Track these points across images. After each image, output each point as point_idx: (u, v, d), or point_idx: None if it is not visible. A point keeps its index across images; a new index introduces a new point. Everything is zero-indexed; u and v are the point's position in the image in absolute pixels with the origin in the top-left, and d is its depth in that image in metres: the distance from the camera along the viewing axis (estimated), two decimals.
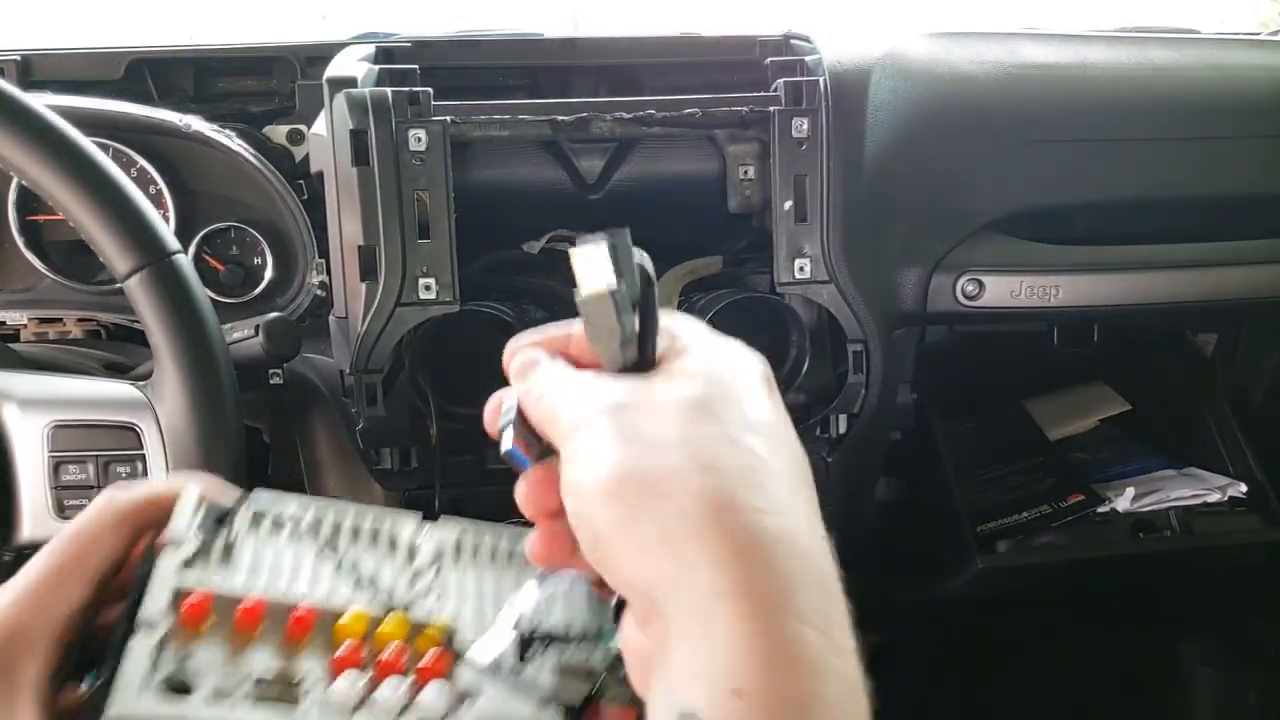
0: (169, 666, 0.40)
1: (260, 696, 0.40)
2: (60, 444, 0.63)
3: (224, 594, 0.42)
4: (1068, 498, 1.14)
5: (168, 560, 0.42)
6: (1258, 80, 1.04)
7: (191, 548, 0.43)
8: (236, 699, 0.40)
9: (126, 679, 0.39)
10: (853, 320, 0.85)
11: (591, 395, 0.38)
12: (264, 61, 1.01)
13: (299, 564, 0.45)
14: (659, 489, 0.34)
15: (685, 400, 0.37)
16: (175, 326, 0.60)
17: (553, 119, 0.83)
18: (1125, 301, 0.96)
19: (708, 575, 0.33)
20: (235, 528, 0.45)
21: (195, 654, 0.41)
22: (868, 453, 0.97)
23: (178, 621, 0.41)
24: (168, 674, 0.40)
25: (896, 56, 0.93)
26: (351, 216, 0.79)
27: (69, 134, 0.60)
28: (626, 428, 0.36)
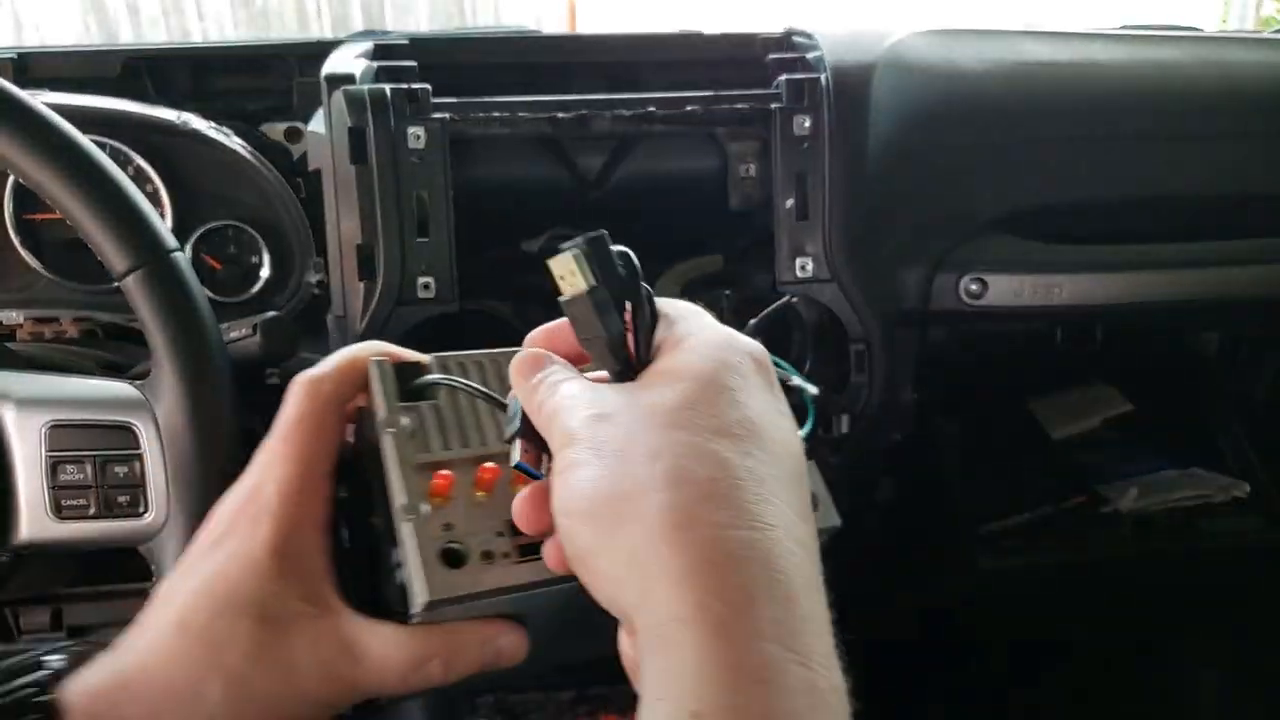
0: (439, 543, 0.43)
1: (519, 547, 0.44)
2: (58, 443, 0.62)
3: (457, 459, 0.45)
4: (1070, 498, 1.14)
5: (394, 443, 0.45)
6: (1261, 79, 1.03)
7: (409, 427, 0.46)
8: (499, 555, 0.44)
9: (419, 568, 0.42)
10: (855, 319, 0.85)
11: (576, 406, 0.39)
12: (261, 59, 1.01)
13: (482, 416, 0.48)
14: (629, 510, 0.35)
15: (661, 408, 0.37)
16: (173, 325, 0.60)
17: (553, 116, 0.83)
18: (1128, 300, 0.95)
19: (666, 598, 0.34)
20: (436, 396, 0.47)
21: (454, 524, 0.44)
22: (870, 453, 0.97)
23: (429, 496, 0.44)
24: (439, 550, 0.43)
25: (898, 54, 0.92)
26: (350, 215, 0.78)
27: (67, 131, 0.59)
28: (603, 443, 0.37)
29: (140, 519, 0.63)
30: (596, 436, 0.37)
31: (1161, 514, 1.14)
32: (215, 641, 0.44)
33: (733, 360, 0.39)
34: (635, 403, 0.38)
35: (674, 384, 0.38)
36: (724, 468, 0.36)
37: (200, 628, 0.44)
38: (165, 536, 0.62)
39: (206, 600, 0.45)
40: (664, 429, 0.36)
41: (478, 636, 0.46)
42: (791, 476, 0.38)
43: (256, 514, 0.46)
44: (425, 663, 0.45)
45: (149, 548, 0.64)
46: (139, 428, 0.62)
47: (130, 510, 0.63)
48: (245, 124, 0.95)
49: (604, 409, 0.38)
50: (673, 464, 0.35)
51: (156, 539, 0.63)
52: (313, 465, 0.47)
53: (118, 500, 0.62)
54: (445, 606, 0.43)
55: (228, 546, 0.46)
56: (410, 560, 0.43)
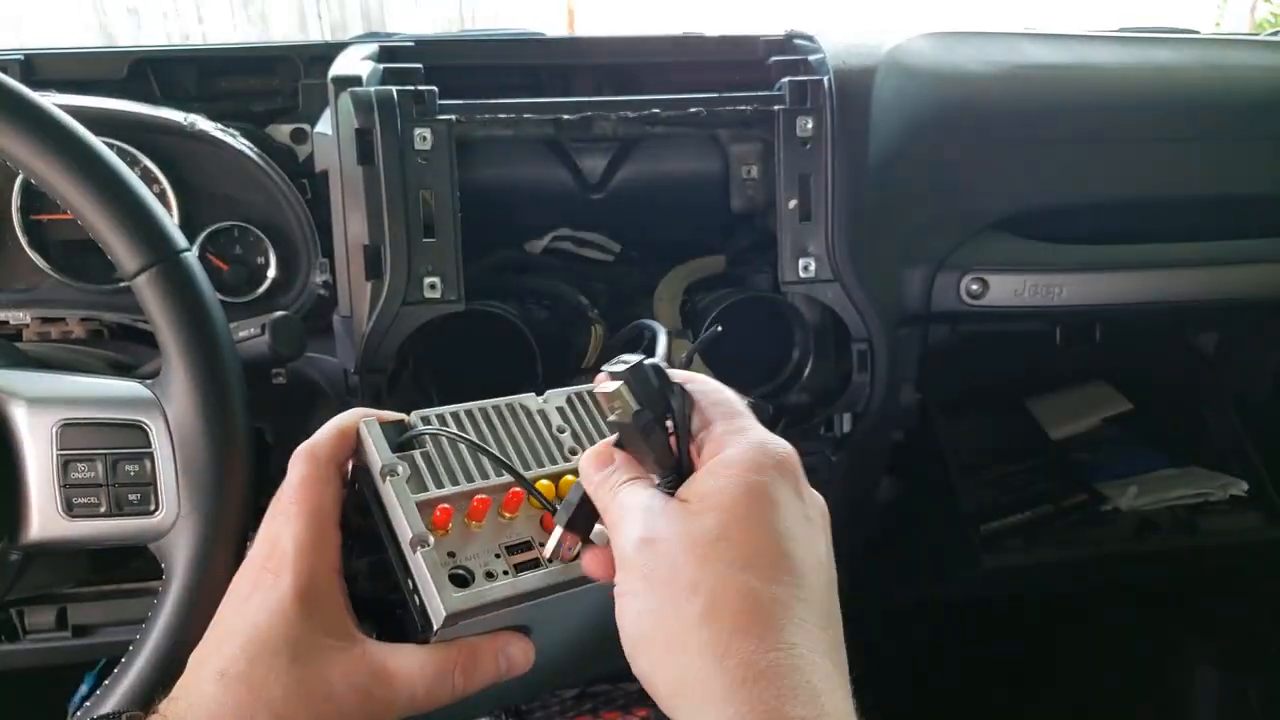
0: (447, 568, 0.49)
1: (515, 565, 0.51)
2: (69, 442, 0.62)
3: (450, 495, 0.52)
4: (1070, 497, 1.15)
5: (395, 484, 0.51)
6: (1258, 80, 1.04)
7: (406, 469, 0.52)
8: (499, 573, 0.50)
9: (434, 590, 0.48)
10: (857, 319, 0.86)
11: (631, 524, 0.46)
12: (267, 61, 1.01)
13: (465, 459, 0.54)
14: (677, 642, 0.43)
15: (699, 539, 0.44)
16: (185, 325, 0.60)
17: (557, 118, 0.83)
18: (1128, 300, 0.96)
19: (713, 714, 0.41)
20: (424, 445, 0.54)
21: (455, 551, 0.50)
22: (871, 452, 0.97)
23: (432, 529, 0.50)
24: (448, 573, 0.49)
25: (900, 56, 0.93)
26: (356, 215, 0.79)
27: (77, 132, 0.60)
28: (651, 572, 0.44)
29: (151, 517, 0.63)
30: (645, 564, 0.45)
31: (1161, 512, 1.15)
32: (256, 683, 0.48)
33: (763, 481, 0.46)
34: (678, 530, 0.45)
35: (712, 512, 0.45)
36: (753, 598, 0.42)
37: (239, 674, 0.48)
38: (176, 534, 0.62)
39: (242, 649, 0.49)
40: (701, 562, 0.43)
41: (490, 647, 0.52)
42: (814, 591, 0.44)
43: (278, 568, 0.50)
44: (448, 675, 0.50)
45: (159, 546, 0.64)
46: (150, 426, 0.62)
47: (141, 508, 0.63)
48: (251, 125, 0.96)
49: (653, 532, 0.45)
50: (709, 599, 0.42)
51: (167, 537, 0.63)
52: (321, 519, 0.52)
53: (129, 499, 0.63)
54: (460, 622, 0.49)
55: (255, 601, 0.50)
56: (424, 585, 0.49)
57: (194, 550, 0.62)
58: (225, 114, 0.97)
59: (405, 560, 0.50)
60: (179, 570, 0.62)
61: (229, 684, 0.48)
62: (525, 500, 0.54)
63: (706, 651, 0.42)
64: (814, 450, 0.90)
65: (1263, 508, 1.15)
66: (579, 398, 0.60)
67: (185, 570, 0.62)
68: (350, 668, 0.49)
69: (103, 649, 0.96)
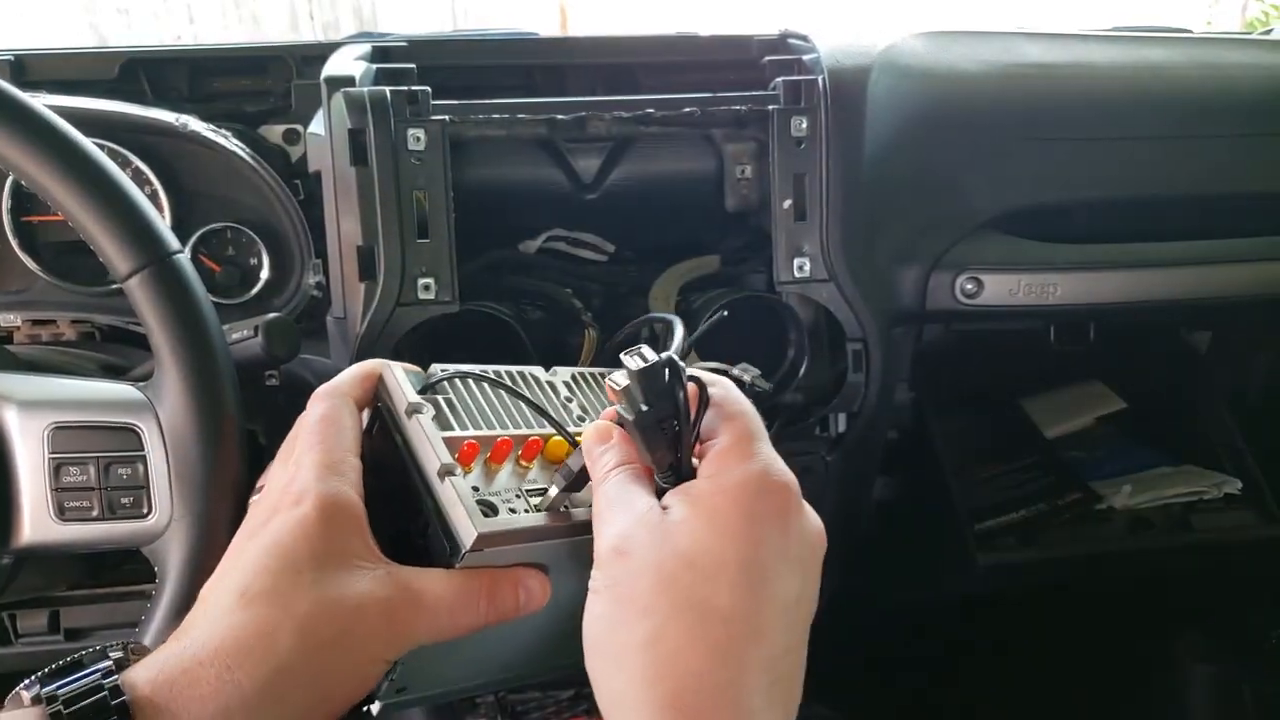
0: (473, 497, 0.50)
1: (536, 506, 0.52)
2: (60, 445, 0.62)
3: (473, 437, 0.53)
4: (1065, 495, 1.15)
5: (422, 420, 0.52)
6: (1250, 79, 1.04)
7: (431, 409, 0.53)
8: (522, 512, 0.51)
9: (464, 513, 0.49)
10: (852, 319, 0.86)
11: (608, 522, 0.47)
12: (259, 61, 1.01)
13: (500, 408, 0.56)
14: (618, 658, 0.44)
15: (666, 558, 0.44)
16: (177, 327, 0.60)
17: (551, 118, 0.83)
18: (1122, 299, 0.96)
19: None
20: (447, 390, 0.55)
21: (479, 487, 0.51)
22: (866, 452, 0.97)
23: (458, 461, 0.51)
24: (476, 501, 0.50)
25: (894, 55, 0.93)
26: (350, 216, 0.78)
27: (69, 133, 0.59)
28: (615, 583, 0.45)
29: (144, 520, 0.63)
30: (612, 573, 0.45)
31: (1155, 510, 1.15)
32: (281, 596, 0.46)
33: (750, 513, 0.45)
34: (649, 545, 0.45)
35: (687, 534, 0.45)
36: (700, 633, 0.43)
37: (263, 588, 0.46)
38: (169, 538, 0.62)
39: (265, 565, 0.47)
40: (662, 587, 0.44)
41: (511, 576, 0.51)
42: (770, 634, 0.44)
43: (299, 494, 0.49)
44: (474, 598, 0.49)
45: (152, 549, 0.63)
46: (142, 429, 0.62)
47: (134, 512, 0.63)
48: (243, 126, 0.95)
49: (626, 543, 0.45)
50: (656, 626, 0.43)
51: (160, 540, 0.63)
52: (340, 449, 0.51)
53: (121, 502, 0.62)
54: (487, 548, 0.49)
55: (275, 524, 0.49)
56: (454, 509, 0.49)
57: (187, 553, 0.62)
58: (217, 114, 0.96)
59: (433, 489, 0.50)
60: (172, 573, 0.62)
61: (251, 601, 0.46)
62: (542, 451, 0.55)
63: (641, 676, 0.43)
64: (809, 450, 0.90)
65: (1256, 505, 1.16)
66: (583, 376, 0.62)
67: (178, 573, 0.62)
68: (376, 586, 0.48)
69: None
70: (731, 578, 0.44)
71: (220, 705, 0.44)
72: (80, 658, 0.46)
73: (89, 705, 0.43)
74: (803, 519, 0.48)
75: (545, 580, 0.53)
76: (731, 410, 0.49)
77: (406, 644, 0.48)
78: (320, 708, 0.47)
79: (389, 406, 0.54)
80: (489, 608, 0.50)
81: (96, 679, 0.44)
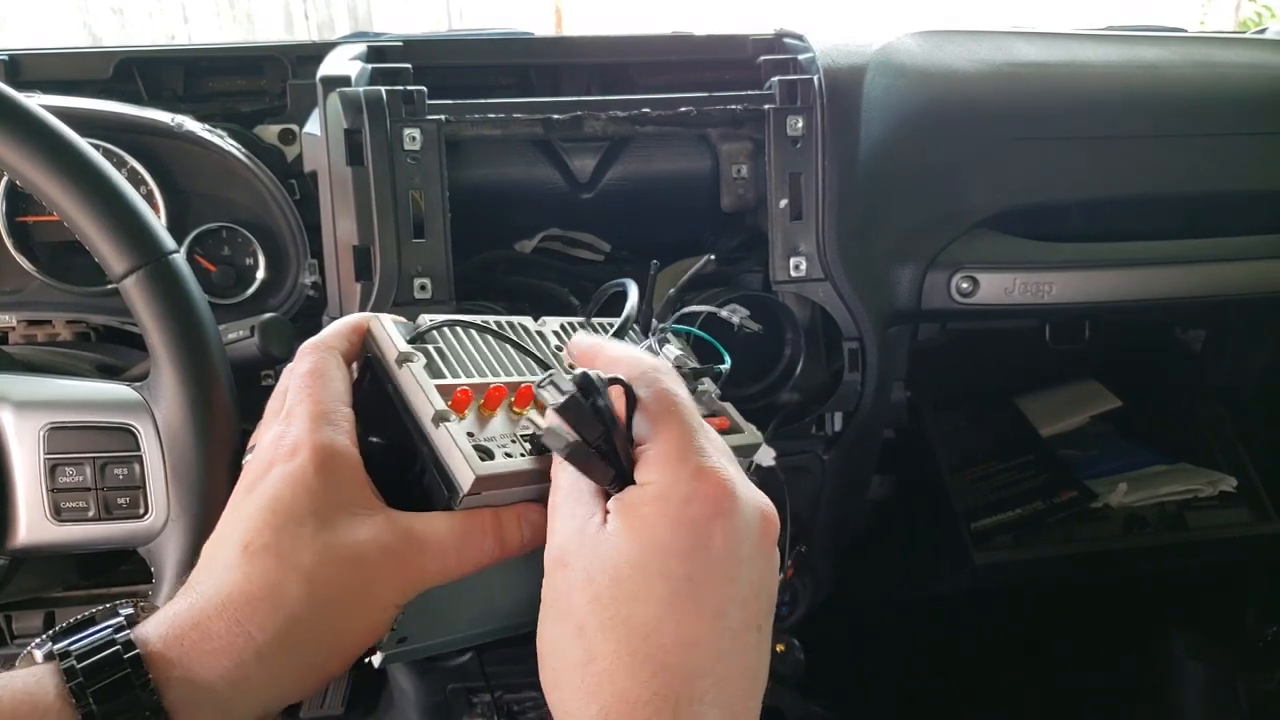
0: (469, 442, 0.49)
1: (531, 450, 0.51)
2: (56, 446, 0.62)
3: (465, 384, 0.52)
4: (1061, 494, 1.15)
5: (414, 369, 0.52)
6: (1244, 78, 1.04)
7: (422, 358, 0.53)
8: (517, 456, 0.51)
9: (461, 457, 0.48)
10: (848, 318, 0.86)
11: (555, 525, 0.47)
12: (255, 61, 1.01)
13: (490, 356, 0.56)
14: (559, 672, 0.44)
15: (596, 573, 0.44)
16: (173, 327, 0.59)
17: (546, 117, 0.83)
18: (1117, 298, 0.96)
19: None
20: (437, 339, 0.55)
21: (474, 433, 0.51)
22: (862, 451, 0.97)
23: (451, 408, 0.50)
24: (472, 446, 0.49)
25: (889, 55, 0.93)
26: (346, 216, 0.78)
27: (64, 133, 0.59)
28: (555, 598, 0.45)
29: (140, 521, 0.62)
30: (553, 587, 0.46)
31: (1150, 508, 1.16)
32: (284, 549, 0.46)
33: (681, 521, 0.44)
34: (585, 556, 0.45)
35: (617, 547, 0.44)
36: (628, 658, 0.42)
37: (266, 543, 0.46)
38: (165, 538, 0.62)
39: (266, 520, 0.47)
40: (592, 605, 0.43)
41: (514, 512, 0.51)
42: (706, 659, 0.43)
43: (293, 446, 0.48)
44: (479, 535, 0.49)
45: (149, 549, 0.63)
46: (139, 430, 0.62)
47: (130, 512, 0.62)
48: (239, 126, 0.95)
49: (565, 554, 0.45)
50: (588, 648, 0.43)
51: (157, 541, 0.63)
52: (331, 399, 0.51)
53: (117, 502, 0.62)
54: (485, 491, 0.49)
55: (271, 477, 0.48)
56: (450, 453, 0.49)
57: (184, 553, 0.62)
58: (213, 114, 0.96)
59: (428, 436, 0.50)
60: (169, 574, 0.62)
61: (254, 555, 0.46)
62: (535, 398, 0.53)
63: (578, 693, 0.43)
64: (806, 449, 0.90)
65: (1251, 503, 1.16)
66: (571, 325, 0.63)
67: (175, 574, 0.62)
68: (379, 532, 0.47)
69: None
70: (657, 592, 0.43)
71: (234, 658, 0.44)
72: (92, 615, 0.46)
73: (102, 659, 0.42)
74: (738, 515, 0.45)
75: (544, 514, 0.51)
76: (660, 409, 0.47)
77: (416, 587, 0.48)
78: (334, 656, 0.47)
79: (379, 357, 0.53)
80: (495, 544, 0.50)
81: (109, 634, 0.44)
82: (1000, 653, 1.47)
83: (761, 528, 0.46)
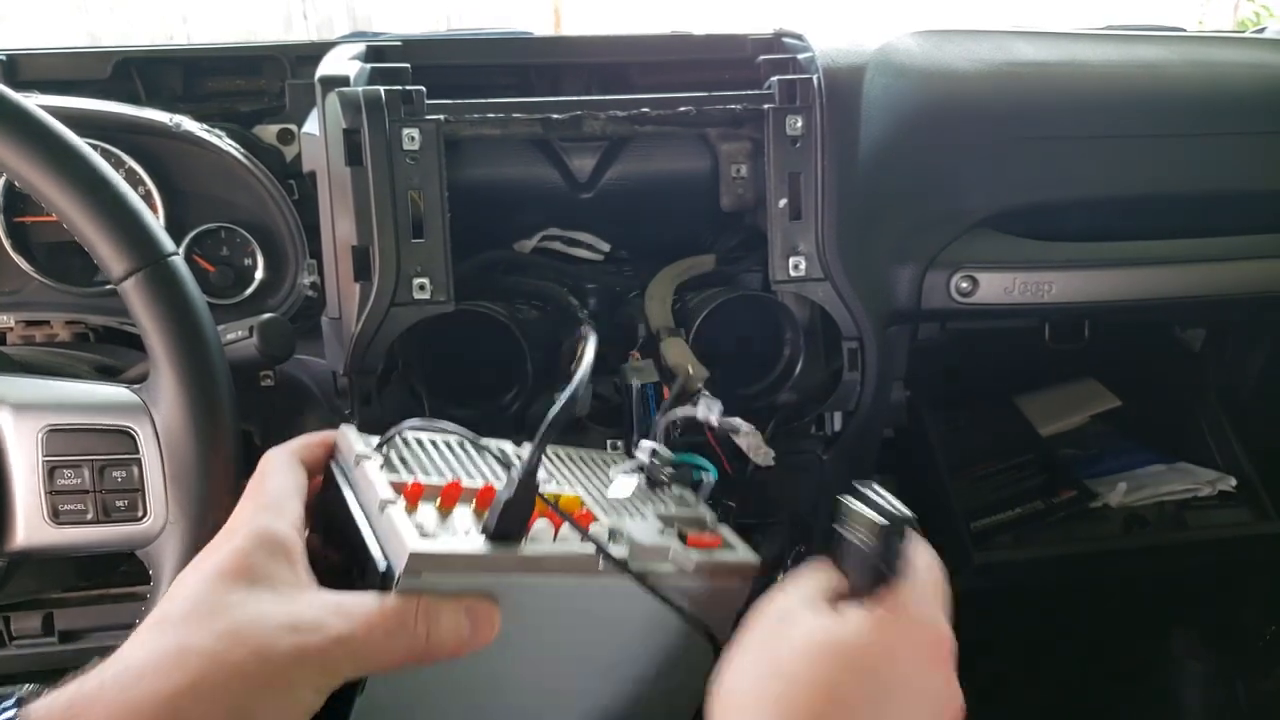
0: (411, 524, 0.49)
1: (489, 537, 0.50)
2: (55, 448, 0.62)
3: (423, 484, 0.52)
4: (1060, 493, 1.15)
5: (369, 466, 0.53)
6: (1244, 77, 1.04)
7: (380, 458, 0.54)
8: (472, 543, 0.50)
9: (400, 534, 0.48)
10: (848, 318, 0.86)
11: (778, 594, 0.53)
12: (253, 61, 1.01)
13: (452, 463, 0.57)
14: None
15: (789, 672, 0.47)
16: (172, 329, 0.59)
17: (546, 117, 0.83)
18: (1117, 297, 0.96)
19: None
20: (398, 445, 0.57)
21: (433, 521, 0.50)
22: (862, 450, 0.97)
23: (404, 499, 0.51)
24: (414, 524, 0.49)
25: (889, 54, 0.93)
26: (345, 216, 0.78)
27: (62, 134, 0.59)
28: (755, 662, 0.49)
29: (139, 523, 0.62)
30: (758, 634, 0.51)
31: (1150, 507, 1.16)
32: (198, 619, 0.45)
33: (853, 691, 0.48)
34: (805, 631, 0.50)
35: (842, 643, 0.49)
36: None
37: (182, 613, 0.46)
38: (164, 540, 0.62)
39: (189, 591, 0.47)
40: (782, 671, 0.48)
41: (454, 603, 0.49)
42: None
43: (231, 530, 0.50)
44: (408, 624, 0.47)
45: (147, 552, 0.63)
46: (137, 432, 0.62)
47: (129, 515, 0.62)
48: (237, 126, 0.95)
49: (784, 614, 0.51)
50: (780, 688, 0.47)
51: (155, 543, 0.63)
52: (279, 495, 0.52)
53: (116, 505, 0.62)
54: (430, 573, 0.47)
55: (207, 555, 0.49)
56: (391, 533, 0.48)
57: (182, 556, 0.62)
58: (211, 114, 0.96)
59: (373, 524, 0.50)
60: (167, 576, 0.62)
61: (168, 624, 0.45)
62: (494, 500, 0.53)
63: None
64: (805, 449, 0.90)
65: (1250, 503, 1.16)
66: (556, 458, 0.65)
67: (173, 576, 0.61)
68: (303, 608, 0.46)
69: (90, 655, 0.95)
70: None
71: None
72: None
73: None
74: (944, 682, 0.50)
75: (494, 610, 0.50)
76: (920, 563, 0.54)
77: (337, 670, 0.46)
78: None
79: (341, 462, 0.55)
80: (426, 630, 0.47)
81: None
82: (999, 652, 1.47)
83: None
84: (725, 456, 0.83)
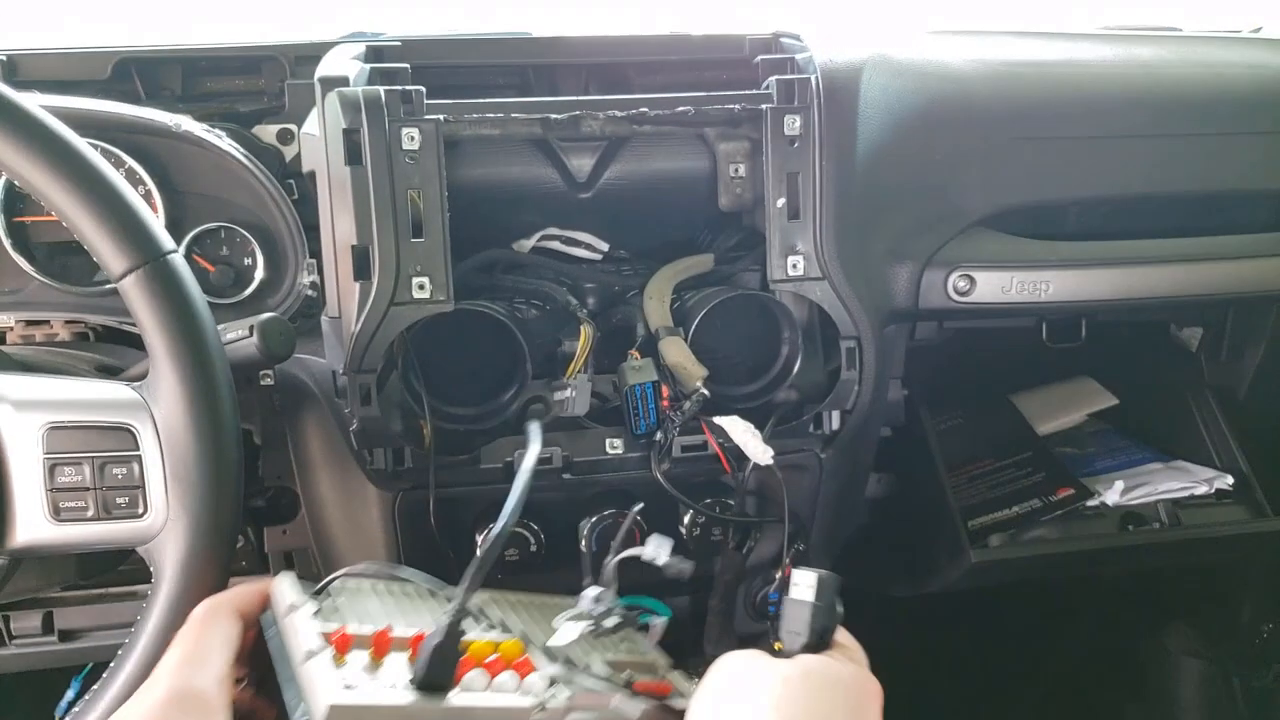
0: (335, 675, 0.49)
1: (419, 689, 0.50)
2: (55, 446, 0.62)
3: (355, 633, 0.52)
4: (1057, 492, 1.15)
5: (298, 616, 0.53)
6: (1241, 77, 1.05)
7: (313, 608, 0.54)
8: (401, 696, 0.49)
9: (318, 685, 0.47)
10: (846, 317, 0.86)
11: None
12: (253, 61, 1.01)
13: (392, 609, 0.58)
14: None
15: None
16: (172, 326, 0.60)
17: (545, 117, 0.83)
18: (1114, 296, 0.96)
19: None
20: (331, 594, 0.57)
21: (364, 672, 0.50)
22: (859, 449, 0.98)
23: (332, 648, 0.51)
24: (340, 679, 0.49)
25: (887, 55, 0.93)
26: (345, 216, 0.78)
27: (62, 133, 0.59)
28: None
29: (139, 520, 0.62)
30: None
31: (1147, 506, 1.16)
32: None
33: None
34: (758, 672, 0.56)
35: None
36: None
37: None
38: (164, 538, 0.62)
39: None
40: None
41: None
42: None
43: (151, 683, 0.51)
44: None
45: (148, 549, 0.63)
46: (138, 429, 0.62)
47: (129, 512, 0.62)
48: (237, 126, 0.95)
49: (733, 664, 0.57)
50: None
51: (156, 540, 0.63)
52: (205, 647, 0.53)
53: (116, 502, 0.62)
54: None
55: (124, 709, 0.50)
56: (312, 685, 0.48)
57: (183, 553, 0.62)
58: (211, 114, 0.96)
59: (297, 677, 0.50)
60: (168, 573, 0.62)
61: None
62: None
63: None
64: (803, 448, 0.90)
65: (1247, 501, 1.16)
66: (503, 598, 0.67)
67: (174, 573, 0.62)
68: None
69: (90, 653, 0.96)
70: None
71: None
72: None
73: None
74: None
75: None
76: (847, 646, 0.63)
77: None
78: None
79: (274, 613, 0.56)
80: None
81: None
82: (996, 649, 1.47)
83: None
84: (725, 456, 0.84)
